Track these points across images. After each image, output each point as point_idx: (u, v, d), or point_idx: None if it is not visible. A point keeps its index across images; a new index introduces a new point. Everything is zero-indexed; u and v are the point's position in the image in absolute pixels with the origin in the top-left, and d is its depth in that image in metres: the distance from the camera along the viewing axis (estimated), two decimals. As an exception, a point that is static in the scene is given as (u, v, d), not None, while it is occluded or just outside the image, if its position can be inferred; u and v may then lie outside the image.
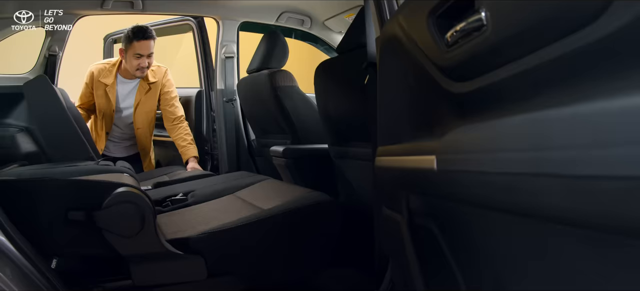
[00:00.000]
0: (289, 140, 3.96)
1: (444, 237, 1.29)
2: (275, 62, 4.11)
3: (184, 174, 4.10)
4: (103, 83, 4.48)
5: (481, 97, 1.07)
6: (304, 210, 2.52)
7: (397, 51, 1.53)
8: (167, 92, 4.71)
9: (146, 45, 4.34)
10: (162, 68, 4.74)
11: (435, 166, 1.15)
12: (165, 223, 2.57)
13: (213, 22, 4.94)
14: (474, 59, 1.06)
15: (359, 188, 3.11)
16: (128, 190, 2.17)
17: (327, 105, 3.22)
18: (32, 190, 2.14)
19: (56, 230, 2.15)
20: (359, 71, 2.39)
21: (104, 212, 2.12)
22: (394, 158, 1.57)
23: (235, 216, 2.48)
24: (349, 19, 4.69)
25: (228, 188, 3.18)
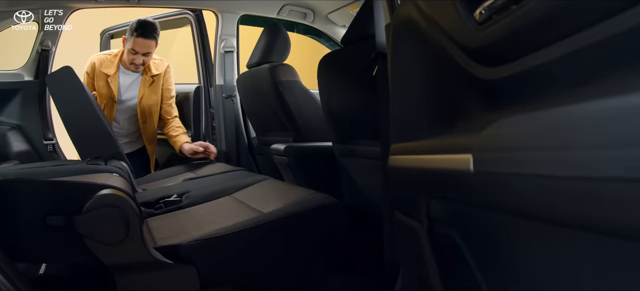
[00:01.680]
0: (291, 138, 3.83)
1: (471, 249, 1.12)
2: (277, 56, 3.98)
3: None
4: (105, 74, 4.33)
5: (521, 83, 0.90)
6: (307, 213, 2.33)
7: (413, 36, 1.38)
8: (167, 89, 4.59)
9: (143, 43, 4.17)
10: (165, 62, 4.60)
11: (471, 167, 0.95)
12: (157, 228, 2.39)
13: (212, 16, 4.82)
14: (512, 38, 0.90)
15: (366, 188, 2.99)
16: (111, 193, 1.97)
17: (331, 101, 3.09)
18: (5, 191, 1.93)
19: (34, 236, 1.95)
20: (366, 63, 2.30)
21: (84, 216, 1.91)
22: (411, 157, 1.40)
23: (231, 220, 2.29)
24: (353, 12, 4.58)
25: (226, 189, 3.01)
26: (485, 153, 0.92)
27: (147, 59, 4.30)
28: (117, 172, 2.92)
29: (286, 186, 2.96)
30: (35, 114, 4.26)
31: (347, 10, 4.69)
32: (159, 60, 4.55)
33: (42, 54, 4.27)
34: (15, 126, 4.18)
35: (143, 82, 4.44)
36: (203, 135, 4.94)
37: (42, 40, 4.22)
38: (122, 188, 2.05)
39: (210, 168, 3.95)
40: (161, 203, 2.87)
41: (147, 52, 4.23)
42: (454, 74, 1.15)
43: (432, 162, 1.21)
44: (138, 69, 4.34)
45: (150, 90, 4.47)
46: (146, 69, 4.43)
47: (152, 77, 4.46)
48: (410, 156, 1.40)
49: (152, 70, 4.45)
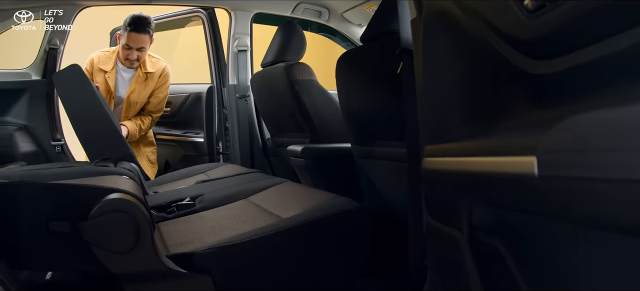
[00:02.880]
0: (307, 139, 3.75)
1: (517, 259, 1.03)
2: (292, 54, 3.89)
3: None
4: (102, 70, 4.27)
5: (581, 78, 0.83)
6: (329, 219, 2.20)
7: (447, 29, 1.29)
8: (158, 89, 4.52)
9: (136, 38, 4.12)
10: (162, 62, 4.53)
11: (534, 170, 0.83)
12: (169, 233, 2.27)
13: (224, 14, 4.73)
14: (571, 27, 0.81)
15: (386, 190, 2.90)
16: (120, 197, 1.83)
17: (349, 100, 3.00)
18: (6, 195, 1.81)
19: (37, 242, 1.83)
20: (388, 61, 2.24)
21: (90, 222, 1.78)
22: (450, 160, 1.29)
23: (249, 225, 2.17)
24: (369, 10, 4.56)
25: (241, 192, 2.88)
26: (554, 155, 0.81)
27: (142, 55, 4.24)
28: (127, 174, 2.77)
29: (305, 189, 2.85)
30: (43, 114, 4.20)
31: (363, 8, 4.63)
32: (156, 59, 4.49)
33: (50, 52, 4.21)
34: (23, 126, 4.12)
35: (136, 77, 4.35)
36: (216, 136, 4.86)
37: (49, 39, 4.16)
38: (131, 192, 1.92)
39: (224, 170, 3.82)
40: (173, 206, 2.75)
41: (141, 47, 4.18)
42: (497, 68, 1.07)
43: (476, 165, 1.11)
44: (133, 64, 4.28)
45: (141, 87, 4.39)
46: (141, 64, 4.36)
47: (145, 74, 4.38)
48: (449, 158, 1.29)
49: (147, 67, 4.38)
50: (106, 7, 5.22)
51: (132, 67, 4.29)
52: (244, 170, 3.69)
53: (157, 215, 2.58)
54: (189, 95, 4.98)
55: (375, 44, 2.69)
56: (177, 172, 4.20)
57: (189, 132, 5.08)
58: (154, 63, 4.43)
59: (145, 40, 4.15)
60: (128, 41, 4.10)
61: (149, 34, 4.14)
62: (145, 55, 4.26)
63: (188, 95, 4.98)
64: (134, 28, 4.06)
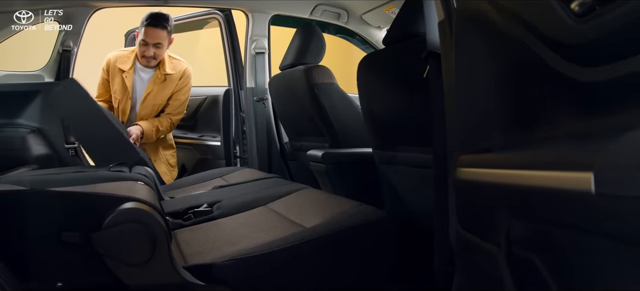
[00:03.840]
0: (326, 144, 3.67)
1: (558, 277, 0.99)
2: (311, 57, 3.82)
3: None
4: (120, 69, 4.18)
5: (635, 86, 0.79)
6: (354, 230, 2.12)
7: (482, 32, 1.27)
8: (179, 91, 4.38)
9: (153, 33, 4.01)
10: (183, 64, 4.40)
11: (591, 187, 0.78)
12: (186, 241, 2.20)
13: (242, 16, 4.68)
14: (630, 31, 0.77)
15: (408, 197, 2.85)
16: (135, 207, 1.76)
17: (371, 104, 2.93)
18: (15, 203, 1.74)
19: (47, 253, 1.75)
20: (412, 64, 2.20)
21: (103, 233, 1.70)
22: (489, 172, 1.23)
23: (269, 235, 2.09)
24: (389, 12, 4.50)
25: (260, 199, 2.81)
26: (615, 172, 0.75)
27: (159, 52, 4.12)
28: (142, 179, 2.70)
29: (326, 196, 2.77)
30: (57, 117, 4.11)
31: (383, 10, 4.57)
32: (177, 61, 4.37)
33: (63, 54, 4.16)
34: (36, 129, 4.08)
35: (154, 78, 4.24)
36: (233, 140, 4.79)
37: (63, 41, 4.12)
38: (147, 201, 1.83)
39: (242, 175, 3.75)
40: (190, 213, 2.68)
41: (158, 43, 4.06)
42: (537, 74, 1.03)
43: (520, 179, 1.06)
44: (149, 62, 4.16)
45: (159, 89, 4.27)
46: (160, 65, 4.25)
47: (164, 75, 4.26)
48: (488, 170, 1.24)
49: (166, 68, 4.25)
50: (121, 10, 5.18)
51: (149, 66, 4.18)
52: (262, 175, 3.63)
53: (174, 222, 2.53)
54: (206, 98, 4.93)
55: (399, 46, 2.63)
56: (193, 176, 4.15)
57: (206, 135, 5.03)
58: (174, 64, 4.32)
59: (163, 37, 4.05)
60: (144, 36, 4.01)
61: (166, 30, 4.04)
62: (162, 53, 4.15)
63: (205, 97, 4.93)
64: (150, 22, 3.97)
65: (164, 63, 4.23)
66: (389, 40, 2.71)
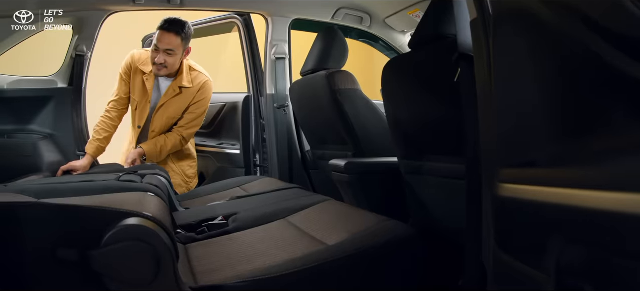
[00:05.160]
0: (350, 152, 3.56)
1: None
2: (334, 62, 3.71)
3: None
4: (141, 71, 4.03)
5: None
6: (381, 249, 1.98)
7: (527, 30, 1.18)
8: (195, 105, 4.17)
9: (164, 38, 3.83)
10: (203, 77, 4.19)
11: None
12: (198, 257, 2.06)
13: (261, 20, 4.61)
14: None
15: (435, 209, 2.73)
16: (137, 224, 1.59)
17: (397, 111, 2.84)
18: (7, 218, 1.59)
19: (41, 272, 1.60)
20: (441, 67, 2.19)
21: (102, 252, 1.54)
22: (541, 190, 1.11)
23: (288, 252, 1.96)
24: (413, 16, 4.43)
25: (279, 211, 2.69)
26: None
27: (170, 60, 3.89)
28: (153, 190, 2.57)
29: (350, 210, 2.65)
30: (69, 123, 4.10)
31: (407, 14, 4.48)
32: (197, 73, 4.16)
33: (76, 59, 4.10)
34: (48, 135, 4.02)
35: (168, 90, 4.07)
36: (253, 148, 4.70)
37: (76, 45, 4.06)
38: (153, 216, 1.67)
39: (261, 185, 3.65)
40: (204, 226, 2.56)
41: (169, 50, 3.85)
42: (595, 76, 0.94)
43: (577, 199, 0.97)
44: (159, 71, 3.92)
45: (172, 102, 4.09)
46: (177, 76, 4.07)
47: (180, 88, 4.08)
48: (537, 187, 1.13)
49: (183, 80, 4.07)
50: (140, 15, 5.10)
51: (159, 74, 3.98)
52: (283, 185, 3.52)
53: (186, 236, 2.41)
54: (225, 105, 4.84)
55: (426, 49, 2.52)
56: (211, 185, 4.07)
57: (225, 143, 4.95)
58: (193, 77, 4.12)
59: (175, 44, 3.85)
60: (156, 41, 3.84)
61: (180, 37, 3.85)
62: (174, 62, 3.93)
63: (224, 104, 4.84)
64: (163, 26, 3.82)
65: (182, 75, 4.06)
66: (416, 42, 2.62)
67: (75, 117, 4.11)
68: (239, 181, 3.94)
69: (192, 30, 3.95)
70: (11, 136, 3.88)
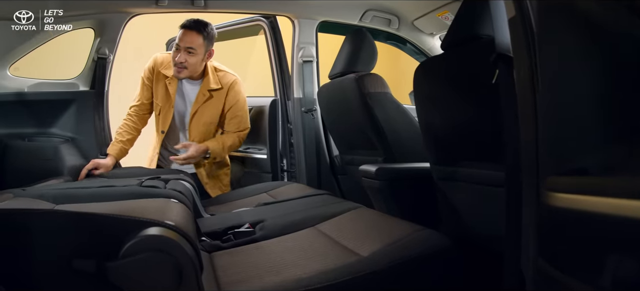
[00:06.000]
0: (380, 158, 3.49)
1: None
2: (363, 64, 3.65)
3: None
4: (164, 75, 3.96)
5: None
6: (419, 260, 1.91)
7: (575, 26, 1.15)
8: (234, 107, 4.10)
9: (185, 36, 3.75)
10: (231, 76, 4.11)
11: None
12: (223, 267, 1.99)
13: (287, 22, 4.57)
14: None
15: (469, 217, 2.66)
16: (159, 234, 1.51)
17: (429, 115, 2.78)
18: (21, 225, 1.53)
19: (55, 283, 1.54)
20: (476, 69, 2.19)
21: (121, 263, 1.46)
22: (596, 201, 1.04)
23: (319, 263, 1.89)
24: (441, 18, 4.38)
25: (308, 218, 2.61)
26: None
27: (191, 60, 3.80)
28: (177, 196, 2.48)
29: (383, 218, 2.57)
30: (91, 126, 4.09)
31: (435, 16, 4.42)
32: (223, 73, 4.09)
33: (98, 62, 4.10)
34: (69, 139, 4.02)
35: (198, 97, 3.99)
36: (280, 153, 4.66)
37: (98, 48, 4.05)
38: (175, 225, 1.60)
39: (289, 191, 3.59)
40: (230, 234, 2.49)
41: (190, 48, 3.76)
42: None
43: None
44: (180, 72, 3.82)
45: (205, 107, 4.02)
46: (204, 81, 3.99)
47: (209, 92, 4.00)
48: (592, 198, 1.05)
49: (210, 83, 3.99)
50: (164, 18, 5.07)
51: (179, 76, 3.88)
52: (311, 191, 3.45)
53: (211, 244, 2.35)
54: (251, 109, 4.76)
55: (460, 50, 2.44)
56: (237, 191, 4.03)
57: (251, 147, 4.92)
58: (219, 78, 4.05)
59: (197, 42, 3.77)
60: (177, 39, 3.77)
61: (201, 35, 3.77)
62: (195, 62, 3.84)
63: (250, 108, 4.74)
64: (184, 24, 3.76)
65: (208, 77, 3.99)
66: (449, 43, 2.55)
67: (98, 120, 4.11)
68: (266, 186, 3.89)
69: (215, 32, 3.89)
70: (32, 139, 3.88)
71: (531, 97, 1.35)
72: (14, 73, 3.81)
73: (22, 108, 3.86)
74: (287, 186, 3.79)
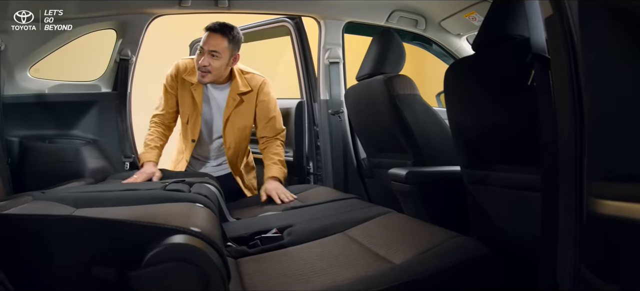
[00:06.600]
0: (409, 161, 3.43)
1: None
2: (391, 65, 3.59)
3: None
4: (188, 82, 3.85)
5: None
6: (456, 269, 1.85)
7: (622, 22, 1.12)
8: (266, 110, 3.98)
9: (210, 39, 3.63)
10: (259, 77, 3.99)
11: None
12: (249, 274, 1.95)
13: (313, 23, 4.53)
14: None
15: (501, 222, 2.59)
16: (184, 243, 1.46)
17: (460, 117, 2.70)
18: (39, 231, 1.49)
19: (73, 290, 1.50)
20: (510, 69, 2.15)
21: (144, 272, 1.41)
22: None
23: (349, 270, 1.85)
24: (469, 18, 4.32)
25: (337, 224, 2.56)
26: None
27: (215, 64, 3.67)
28: (202, 201, 2.43)
29: (415, 224, 2.52)
30: (113, 128, 4.10)
31: (462, 16, 4.36)
32: (250, 75, 3.97)
33: (120, 63, 4.10)
34: (91, 141, 4.04)
35: (229, 103, 3.88)
36: (306, 156, 4.62)
37: (120, 49, 4.06)
38: (201, 232, 1.55)
39: (317, 194, 3.54)
40: (257, 239, 2.44)
41: (215, 52, 3.63)
42: None
43: None
44: (204, 76, 3.70)
45: (238, 113, 3.92)
46: (232, 85, 3.88)
47: (239, 96, 3.89)
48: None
49: (239, 86, 3.87)
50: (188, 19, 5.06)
51: (203, 81, 3.76)
52: (338, 195, 3.40)
53: (237, 249, 2.30)
54: (277, 112, 4.69)
55: (492, 50, 2.38)
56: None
57: (277, 150, 4.78)
58: (248, 80, 3.94)
59: (222, 46, 3.65)
60: (202, 42, 3.66)
61: (226, 38, 3.65)
62: (219, 66, 3.72)
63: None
64: (209, 26, 3.65)
65: (236, 81, 3.88)
66: (480, 44, 2.49)
67: (120, 123, 4.11)
68: (293, 190, 3.81)
69: (241, 36, 3.78)
70: (52, 141, 3.90)
71: (570, 98, 1.33)
72: (34, 75, 3.83)
73: (43, 109, 3.87)
74: (315, 189, 3.75)
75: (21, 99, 3.75)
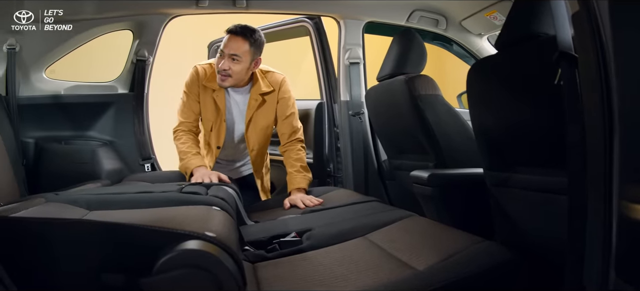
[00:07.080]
0: (431, 163, 3.39)
1: None
2: (412, 65, 3.56)
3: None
4: (209, 88, 3.76)
5: None
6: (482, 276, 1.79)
7: None
8: (285, 109, 3.90)
9: (231, 42, 3.55)
10: (278, 75, 3.93)
11: None
12: (268, 280, 1.91)
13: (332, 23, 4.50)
14: None
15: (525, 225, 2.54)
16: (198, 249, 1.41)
17: (483, 118, 2.67)
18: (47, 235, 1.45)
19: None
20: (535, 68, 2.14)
21: (155, 279, 1.36)
22: None
23: (371, 277, 1.79)
24: (489, 18, 4.30)
25: (358, 228, 2.50)
26: None
27: (235, 68, 3.59)
28: (219, 204, 2.39)
29: (436, 227, 2.47)
30: (130, 130, 4.12)
31: (483, 16, 4.33)
32: (270, 73, 3.90)
33: (137, 64, 4.13)
34: (108, 142, 4.06)
35: (251, 103, 3.81)
36: (326, 157, 4.58)
37: (137, 50, 4.08)
38: (216, 237, 1.50)
39: (337, 197, 3.47)
40: (275, 243, 2.38)
41: (235, 55, 3.55)
42: None
43: None
44: (223, 80, 3.62)
45: (260, 113, 3.85)
46: (254, 85, 3.80)
47: (261, 96, 3.81)
48: None
49: (261, 87, 3.79)
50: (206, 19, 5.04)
51: (223, 85, 3.68)
52: (359, 198, 3.33)
53: (255, 254, 2.25)
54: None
55: (515, 49, 2.35)
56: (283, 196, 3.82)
57: (297, 152, 4.75)
58: (268, 79, 3.87)
59: (242, 49, 3.56)
60: (222, 45, 3.58)
61: (248, 42, 3.56)
62: (240, 70, 3.64)
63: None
64: (230, 29, 3.57)
65: (258, 81, 3.81)
66: (503, 43, 2.45)
67: (137, 124, 4.14)
68: (312, 192, 3.76)
69: (263, 39, 3.70)
70: (68, 142, 3.93)
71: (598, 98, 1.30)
72: (50, 76, 3.85)
73: (58, 111, 3.89)
74: (335, 192, 3.68)
75: (37, 100, 3.76)
